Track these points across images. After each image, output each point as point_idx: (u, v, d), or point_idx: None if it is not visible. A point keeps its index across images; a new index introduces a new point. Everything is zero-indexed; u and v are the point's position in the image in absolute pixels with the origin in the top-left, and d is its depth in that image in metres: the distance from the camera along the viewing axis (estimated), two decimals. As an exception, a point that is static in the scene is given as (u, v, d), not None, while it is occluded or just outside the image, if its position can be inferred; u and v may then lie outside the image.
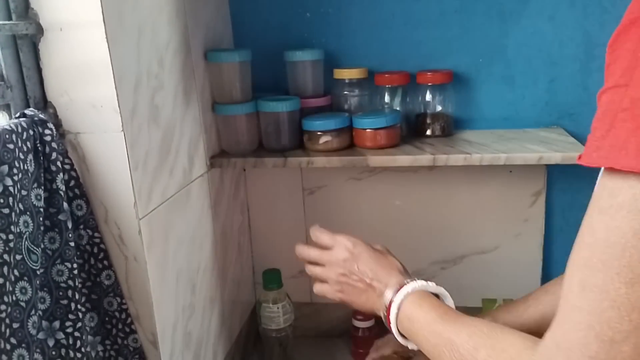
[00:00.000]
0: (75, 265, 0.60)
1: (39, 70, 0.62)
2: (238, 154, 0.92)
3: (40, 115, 0.58)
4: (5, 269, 0.50)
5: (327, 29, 0.99)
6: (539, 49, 0.94)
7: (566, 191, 1.01)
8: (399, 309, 0.61)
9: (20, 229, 0.53)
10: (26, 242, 0.54)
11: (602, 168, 0.38)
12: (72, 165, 0.61)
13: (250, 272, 1.13)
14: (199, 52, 0.87)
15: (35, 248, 0.55)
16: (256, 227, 1.11)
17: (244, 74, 0.90)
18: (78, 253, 0.63)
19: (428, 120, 0.95)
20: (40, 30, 0.60)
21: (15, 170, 0.52)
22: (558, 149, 0.83)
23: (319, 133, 0.89)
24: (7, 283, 0.51)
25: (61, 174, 0.59)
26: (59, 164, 0.59)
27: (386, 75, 0.94)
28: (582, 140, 0.88)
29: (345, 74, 0.95)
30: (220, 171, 0.95)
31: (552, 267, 1.05)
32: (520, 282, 1.04)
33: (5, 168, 0.51)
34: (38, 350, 0.56)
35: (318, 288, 0.72)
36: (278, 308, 0.99)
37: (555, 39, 0.94)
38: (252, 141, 0.93)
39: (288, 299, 1.01)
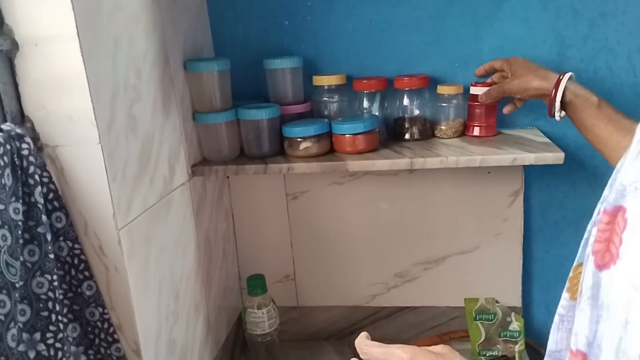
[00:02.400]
0: (55, 277, 0.61)
1: (15, 85, 0.62)
2: (219, 162, 0.93)
3: (17, 129, 0.59)
4: (-17, 283, 0.51)
5: (306, 36, 1.00)
6: (513, 52, 0.96)
7: (543, 190, 1.03)
8: None
9: (-2, 243, 0.54)
10: (4, 256, 0.54)
11: None
12: (50, 178, 0.62)
13: (236, 278, 1.14)
14: (178, 62, 0.88)
15: (13, 261, 0.56)
16: (241, 233, 1.12)
17: (224, 82, 0.91)
18: (58, 265, 0.63)
19: (406, 125, 0.96)
20: (15, 45, 0.61)
21: (-9, 185, 0.53)
22: (532, 150, 0.85)
23: (299, 139, 0.90)
24: (-14, 297, 0.51)
25: (39, 187, 0.60)
26: (37, 177, 0.59)
27: (364, 81, 0.95)
28: (556, 140, 0.90)
29: (324, 80, 0.97)
30: (203, 179, 0.96)
31: (532, 265, 1.07)
32: (502, 280, 1.06)
33: (-18, 183, 0.51)
34: (19, 362, 0.56)
35: None
36: (263, 313, 1.00)
37: (529, 41, 0.96)
38: (233, 149, 0.94)
39: (273, 304, 1.02)
